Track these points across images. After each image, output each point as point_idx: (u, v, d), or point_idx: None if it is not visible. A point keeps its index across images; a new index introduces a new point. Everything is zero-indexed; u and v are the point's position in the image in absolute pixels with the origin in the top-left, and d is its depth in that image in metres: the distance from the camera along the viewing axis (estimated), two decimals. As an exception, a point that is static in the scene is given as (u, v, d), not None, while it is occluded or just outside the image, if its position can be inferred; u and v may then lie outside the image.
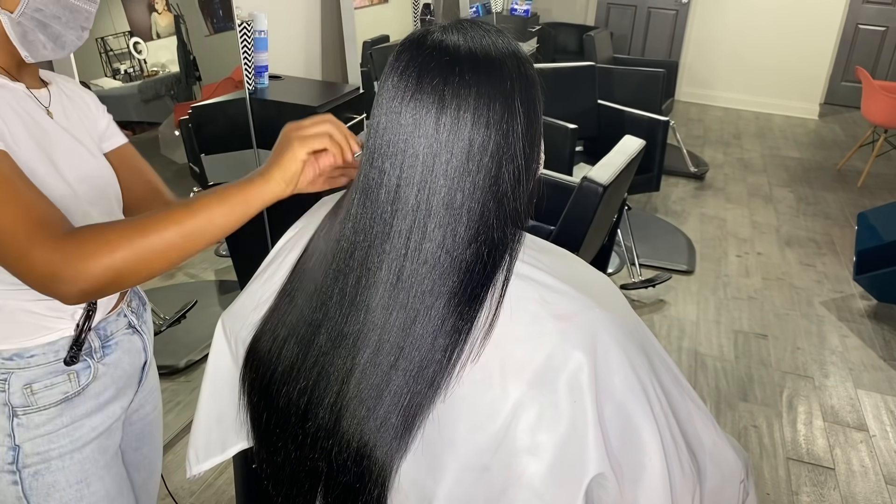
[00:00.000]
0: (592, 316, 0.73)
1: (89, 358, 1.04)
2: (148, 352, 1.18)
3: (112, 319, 1.09)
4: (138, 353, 1.15)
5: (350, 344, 0.75)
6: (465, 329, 0.71)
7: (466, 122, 0.68)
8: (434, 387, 0.71)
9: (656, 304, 3.14)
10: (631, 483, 0.72)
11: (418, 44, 0.71)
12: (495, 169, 0.70)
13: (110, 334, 1.09)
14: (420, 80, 0.69)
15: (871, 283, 3.22)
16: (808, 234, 3.96)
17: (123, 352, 1.11)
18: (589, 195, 2.18)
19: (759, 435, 2.37)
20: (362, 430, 0.74)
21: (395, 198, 0.71)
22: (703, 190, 4.52)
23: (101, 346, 1.07)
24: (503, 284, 0.72)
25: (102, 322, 1.07)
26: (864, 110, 4.75)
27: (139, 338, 1.15)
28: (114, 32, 1.92)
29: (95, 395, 1.06)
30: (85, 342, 1.03)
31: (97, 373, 1.06)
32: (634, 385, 0.72)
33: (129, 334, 1.13)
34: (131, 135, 2.06)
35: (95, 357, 1.06)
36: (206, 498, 1.97)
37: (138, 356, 1.15)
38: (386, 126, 0.71)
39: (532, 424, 0.69)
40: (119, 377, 1.11)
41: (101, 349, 1.07)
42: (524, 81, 0.71)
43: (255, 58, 2.36)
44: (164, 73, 2.14)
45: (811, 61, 6.30)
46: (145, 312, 1.20)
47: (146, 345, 1.17)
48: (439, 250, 0.70)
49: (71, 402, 1.03)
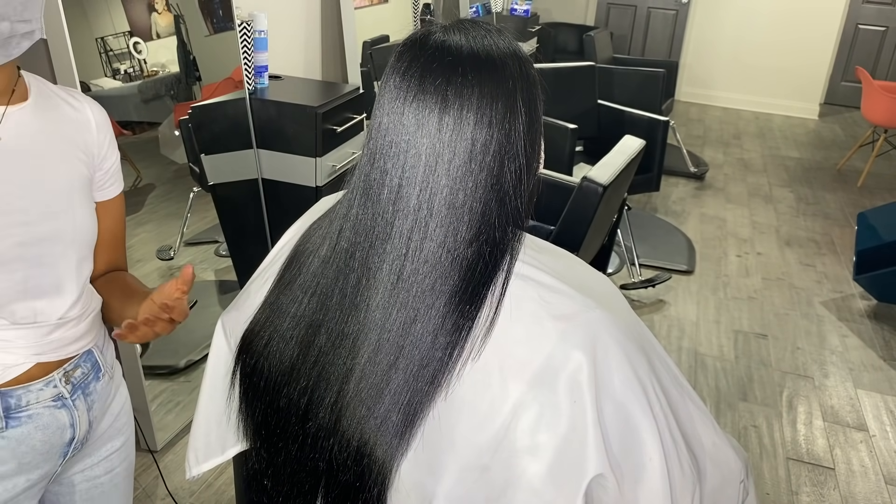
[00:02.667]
0: (592, 316, 0.73)
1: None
2: (78, 429, 1.02)
3: (34, 388, 0.95)
4: (60, 430, 0.99)
5: (350, 344, 0.75)
6: (466, 327, 0.71)
7: (469, 121, 0.68)
8: (434, 385, 0.71)
9: (656, 304, 3.14)
10: (631, 483, 0.72)
11: (420, 44, 0.71)
12: (498, 168, 0.70)
13: (24, 405, 0.94)
14: (422, 80, 0.69)
15: (871, 283, 3.22)
16: (808, 234, 3.96)
17: (37, 427, 0.96)
18: (589, 195, 2.18)
19: (759, 435, 2.37)
20: (362, 429, 0.74)
21: (396, 198, 0.71)
22: (703, 190, 4.52)
23: (2, 415, 0.92)
24: (503, 284, 0.72)
25: (17, 388, 0.93)
26: (864, 110, 4.75)
27: (67, 413, 0.99)
28: (114, 32, 1.92)
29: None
30: None
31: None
32: (634, 385, 0.72)
33: (54, 408, 0.97)
34: (131, 135, 2.06)
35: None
36: (205, 498, 1.97)
37: (60, 433, 0.99)
38: (388, 126, 0.71)
39: (532, 424, 0.69)
40: (23, 454, 0.95)
41: (3, 419, 0.92)
42: (526, 81, 0.71)
43: (255, 58, 2.36)
44: (164, 73, 2.14)
45: (811, 61, 6.30)
46: (95, 382, 1.05)
47: (75, 421, 1.01)
48: (440, 250, 0.70)
49: None
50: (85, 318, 1.01)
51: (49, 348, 0.96)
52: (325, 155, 2.27)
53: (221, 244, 2.63)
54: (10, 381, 0.93)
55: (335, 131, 2.30)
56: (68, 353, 0.99)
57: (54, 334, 0.96)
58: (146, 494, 1.98)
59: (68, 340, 0.98)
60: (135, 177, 2.11)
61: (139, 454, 2.08)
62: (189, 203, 2.40)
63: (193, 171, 2.34)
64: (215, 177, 2.32)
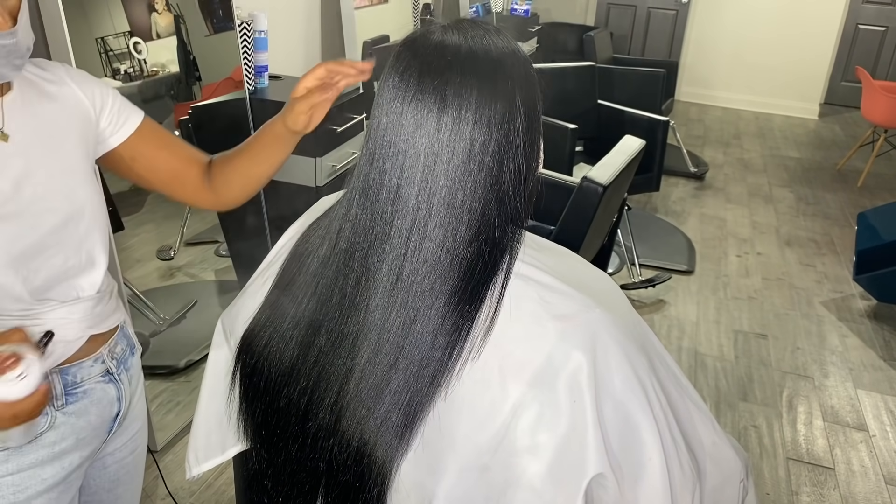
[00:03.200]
0: (592, 316, 0.73)
1: (48, 405, 0.92)
2: (123, 402, 1.07)
3: (86, 364, 0.99)
4: (110, 404, 1.04)
5: (350, 344, 0.75)
6: (466, 327, 0.71)
7: (468, 121, 0.68)
8: (434, 385, 0.71)
9: (656, 304, 3.14)
10: (631, 483, 0.72)
11: (419, 44, 0.71)
12: (496, 168, 0.70)
13: (79, 381, 0.98)
14: (421, 80, 0.69)
15: (871, 283, 3.22)
16: (808, 234, 3.96)
17: (91, 402, 1.00)
18: (589, 195, 2.18)
19: (759, 435, 2.37)
20: (362, 429, 0.74)
21: (395, 198, 0.71)
22: (703, 190, 4.52)
23: (63, 392, 0.96)
24: (503, 283, 0.72)
25: (71, 366, 0.97)
26: (864, 110, 4.75)
27: (115, 387, 1.04)
28: (114, 32, 1.92)
29: (50, 445, 0.96)
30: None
31: (55, 421, 0.95)
32: (634, 385, 0.72)
33: (104, 383, 1.02)
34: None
35: (55, 404, 0.95)
36: (205, 498, 1.97)
37: (110, 407, 1.04)
38: (387, 126, 0.71)
39: (532, 424, 0.69)
40: (81, 428, 1.00)
41: (63, 396, 0.96)
42: (524, 80, 0.71)
43: (255, 58, 2.36)
44: (164, 73, 2.14)
45: (811, 61, 6.30)
46: (132, 357, 1.10)
47: (122, 395, 1.06)
48: (440, 250, 0.70)
49: (19, 449, 0.93)
50: (114, 292, 1.06)
51: (97, 320, 1.00)
52: (325, 155, 2.27)
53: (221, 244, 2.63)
54: (66, 359, 0.96)
55: (335, 131, 2.30)
56: (110, 325, 1.03)
57: (98, 307, 1.00)
58: (146, 494, 1.98)
59: (108, 313, 1.03)
60: (135, 177, 2.11)
61: (139, 454, 2.09)
62: (189, 203, 2.40)
63: (193, 171, 2.33)
64: (215, 177, 2.32)
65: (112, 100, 1.01)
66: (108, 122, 1.01)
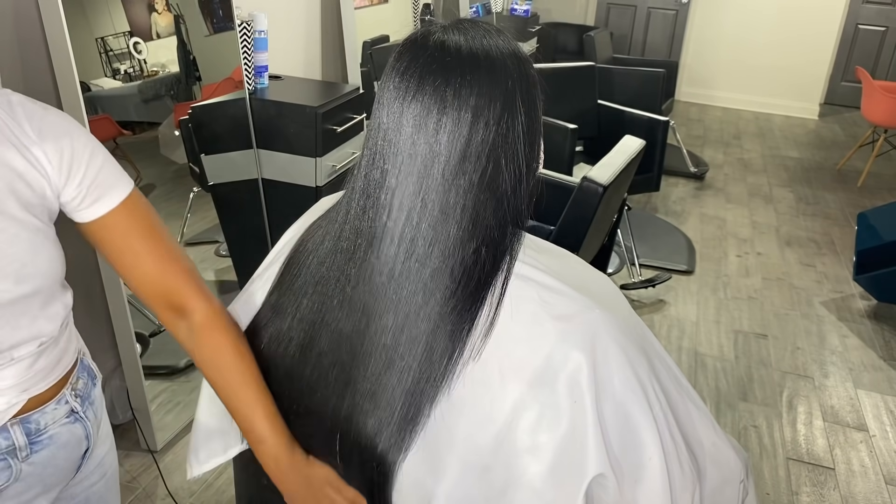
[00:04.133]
0: (592, 317, 0.73)
1: (11, 458, 0.85)
2: (91, 439, 0.98)
3: (48, 409, 0.90)
4: (78, 445, 0.96)
5: (350, 345, 0.75)
6: (465, 329, 0.71)
7: (467, 122, 0.68)
8: (433, 386, 0.71)
9: (656, 304, 3.14)
10: (631, 483, 0.72)
11: (419, 44, 0.71)
12: (493, 169, 0.70)
13: (43, 427, 0.89)
14: (421, 80, 0.69)
15: (871, 283, 3.22)
16: (808, 234, 3.96)
17: (58, 447, 0.91)
18: (589, 195, 2.18)
19: (759, 435, 2.37)
20: (363, 429, 0.74)
21: (393, 198, 0.71)
22: (703, 190, 4.52)
23: (27, 443, 0.87)
24: (503, 284, 0.72)
25: (33, 413, 0.88)
26: (864, 110, 4.75)
27: (81, 426, 0.95)
28: (114, 32, 1.92)
29: (16, 496, 0.88)
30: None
31: (20, 474, 0.87)
32: (634, 385, 0.72)
33: (69, 424, 0.93)
34: (131, 135, 2.06)
35: (19, 456, 0.86)
36: (206, 498, 1.97)
37: (78, 447, 0.96)
38: (387, 127, 0.71)
39: (532, 425, 0.69)
40: (49, 475, 0.92)
41: (27, 447, 0.87)
42: (525, 81, 0.71)
43: (255, 58, 2.36)
44: (164, 73, 2.14)
45: (811, 61, 6.30)
46: (94, 389, 1.00)
47: (89, 433, 0.97)
48: (431, 249, 0.70)
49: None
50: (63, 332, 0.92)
51: (36, 379, 0.88)
52: (325, 155, 2.27)
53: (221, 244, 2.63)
54: (21, 410, 0.87)
55: (335, 131, 2.30)
56: (58, 375, 0.91)
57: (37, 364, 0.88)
58: (146, 494, 1.97)
59: (54, 362, 0.90)
60: (135, 177, 2.11)
61: (139, 454, 2.09)
62: (189, 203, 2.40)
63: (193, 171, 2.34)
64: (215, 177, 2.32)
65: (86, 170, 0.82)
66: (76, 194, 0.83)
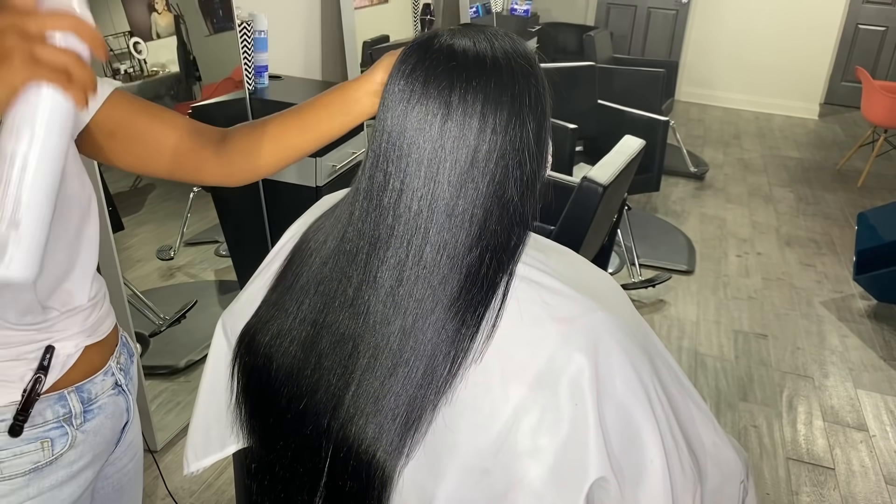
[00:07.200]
0: (594, 318, 0.72)
1: (67, 425, 0.91)
2: (131, 412, 1.05)
3: (98, 380, 0.96)
4: (121, 416, 1.02)
5: (350, 347, 0.75)
6: (469, 335, 0.70)
7: (472, 128, 0.68)
8: (435, 390, 0.71)
9: (656, 304, 3.14)
10: (632, 485, 0.72)
11: (426, 47, 0.70)
12: (501, 174, 0.69)
13: (94, 397, 0.96)
14: (427, 84, 0.68)
15: (871, 283, 3.22)
16: (808, 234, 3.96)
17: (106, 416, 0.98)
18: (589, 195, 2.18)
19: (759, 435, 2.37)
20: (362, 433, 0.74)
21: (397, 202, 0.70)
22: (703, 190, 4.52)
23: (82, 410, 0.93)
24: (505, 287, 0.72)
25: (85, 383, 0.94)
26: (864, 110, 4.75)
27: (124, 398, 1.02)
28: (114, 32, 1.92)
29: (69, 465, 0.93)
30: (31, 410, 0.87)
31: (74, 441, 0.93)
32: (636, 387, 0.72)
33: (115, 395, 1.00)
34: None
35: (74, 423, 0.92)
36: (206, 498, 1.97)
37: (120, 419, 1.02)
38: (391, 130, 0.71)
39: (533, 427, 0.69)
40: (97, 444, 0.98)
41: (82, 414, 0.93)
42: (533, 87, 0.70)
43: (255, 58, 2.36)
44: (164, 73, 2.14)
45: (811, 61, 6.30)
46: (132, 366, 1.07)
47: (130, 405, 1.04)
48: (440, 255, 0.69)
49: (40, 471, 0.90)
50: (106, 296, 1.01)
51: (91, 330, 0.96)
52: (325, 155, 2.27)
53: (221, 244, 2.63)
54: (77, 377, 0.93)
55: (335, 131, 2.29)
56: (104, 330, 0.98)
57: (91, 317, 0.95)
58: (146, 494, 1.97)
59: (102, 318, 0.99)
60: (135, 177, 2.11)
61: (139, 454, 2.09)
62: (189, 203, 2.40)
63: (193, 171, 2.33)
64: (215, 177, 2.32)
65: None
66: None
